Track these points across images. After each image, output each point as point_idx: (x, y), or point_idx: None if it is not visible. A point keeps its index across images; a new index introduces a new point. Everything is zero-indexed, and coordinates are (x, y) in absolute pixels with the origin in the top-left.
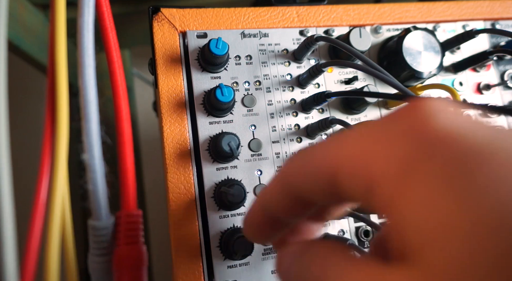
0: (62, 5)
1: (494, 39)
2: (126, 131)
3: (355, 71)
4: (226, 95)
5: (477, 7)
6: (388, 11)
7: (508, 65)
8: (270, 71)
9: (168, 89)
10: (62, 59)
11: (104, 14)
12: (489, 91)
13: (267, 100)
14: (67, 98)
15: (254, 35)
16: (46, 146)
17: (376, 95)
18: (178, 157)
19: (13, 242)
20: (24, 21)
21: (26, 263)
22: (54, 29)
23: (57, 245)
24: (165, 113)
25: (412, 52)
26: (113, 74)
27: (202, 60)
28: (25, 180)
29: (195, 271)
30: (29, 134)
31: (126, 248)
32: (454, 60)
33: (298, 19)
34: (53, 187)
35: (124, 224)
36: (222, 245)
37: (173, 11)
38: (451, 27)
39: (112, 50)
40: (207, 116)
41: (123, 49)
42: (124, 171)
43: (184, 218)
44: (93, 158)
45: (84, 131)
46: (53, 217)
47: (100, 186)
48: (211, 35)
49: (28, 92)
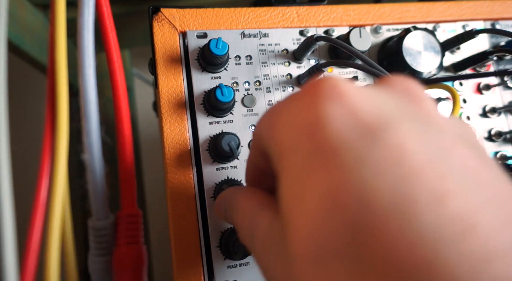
0: (62, 5)
1: (494, 39)
2: (126, 131)
3: (355, 71)
4: (226, 95)
5: (477, 7)
6: (388, 11)
7: (508, 65)
8: (270, 71)
9: (168, 89)
10: (62, 59)
11: (104, 14)
12: (489, 91)
13: (267, 100)
14: (67, 98)
15: (254, 35)
16: (46, 146)
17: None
18: (178, 157)
19: (13, 242)
20: (24, 21)
21: (26, 263)
22: (54, 29)
23: (57, 245)
24: (165, 113)
25: (412, 52)
26: (113, 74)
27: (202, 60)
28: (25, 180)
29: (195, 271)
30: (29, 134)
31: (126, 248)
32: (454, 60)
33: (298, 19)
34: (53, 187)
35: (124, 224)
36: (222, 245)
37: (173, 11)
38: (451, 27)
39: (112, 50)
40: (207, 116)
41: (123, 49)
42: (124, 171)
43: (184, 218)
44: (93, 158)
45: (84, 131)
46: (53, 217)
47: (100, 186)
48: (211, 35)
49: (28, 92)
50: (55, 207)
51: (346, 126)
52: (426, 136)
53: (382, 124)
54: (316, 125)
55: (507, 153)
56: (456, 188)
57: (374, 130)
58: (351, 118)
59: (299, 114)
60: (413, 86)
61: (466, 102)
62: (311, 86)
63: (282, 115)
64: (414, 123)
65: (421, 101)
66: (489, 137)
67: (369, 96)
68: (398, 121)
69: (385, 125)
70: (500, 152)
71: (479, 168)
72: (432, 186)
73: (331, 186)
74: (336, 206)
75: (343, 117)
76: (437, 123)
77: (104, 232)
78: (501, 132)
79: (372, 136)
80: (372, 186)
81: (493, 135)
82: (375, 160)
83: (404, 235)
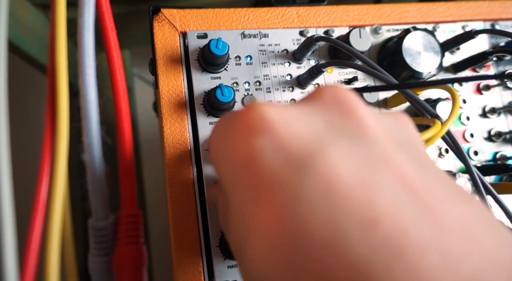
0: (62, 5)
1: (494, 40)
2: (126, 131)
3: (355, 71)
4: (226, 95)
5: (477, 7)
6: (388, 12)
7: (507, 65)
8: (270, 72)
9: (168, 90)
10: (62, 59)
11: (104, 14)
12: (489, 91)
13: (267, 101)
14: (67, 98)
15: (254, 35)
16: (46, 146)
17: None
18: (178, 157)
19: (13, 242)
20: (24, 21)
21: (26, 263)
22: (54, 29)
23: (57, 245)
24: (165, 113)
25: (412, 52)
26: (113, 74)
27: (202, 60)
28: (25, 180)
29: (195, 271)
30: (29, 134)
31: (126, 248)
32: (454, 61)
33: (298, 20)
34: (53, 187)
35: (124, 224)
36: (222, 245)
37: (173, 12)
38: (450, 28)
39: (112, 50)
40: (207, 116)
41: (123, 49)
42: (124, 171)
43: (184, 218)
44: (93, 158)
45: (84, 131)
46: (53, 217)
47: (100, 186)
48: (211, 35)
49: (28, 92)
50: (55, 207)
51: (277, 160)
52: (356, 154)
53: (310, 152)
54: (250, 162)
55: (507, 153)
56: (385, 209)
57: (302, 161)
58: (280, 151)
59: (234, 151)
60: (343, 95)
61: (465, 103)
62: (242, 116)
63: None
64: (344, 141)
65: (351, 111)
66: (489, 138)
67: (297, 121)
68: (327, 143)
69: (312, 153)
70: (500, 152)
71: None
72: (360, 213)
73: (269, 225)
74: (277, 245)
75: (273, 152)
76: (369, 133)
77: (104, 232)
78: (501, 132)
79: (302, 167)
80: (307, 221)
81: (493, 136)
82: (307, 193)
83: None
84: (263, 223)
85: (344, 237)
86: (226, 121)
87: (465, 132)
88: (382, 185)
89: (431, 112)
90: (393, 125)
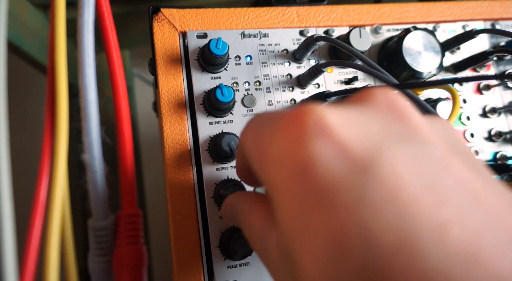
0: (62, 5)
1: (494, 39)
2: (126, 131)
3: (355, 71)
4: (226, 95)
5: (477, 7)
6: (388, 12)
7: (508, 65)
8: (270, 71)
9: (168, 89)
10: (62, 59)
11: (104, 14)
12: (489, 91)
13: (267, 100)
14: (67, 98)
15: (254, 35)
16: (46, 146)
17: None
18: (178, 157)
19: (13, 242)
20: (24, 21)
21: (26, 263)
22: (54, 29)
23: (57, 245)
24: (165, 113)
25: (412, 52)
26: (113, 74)
27: (202, 60)
28: (25, 180)
29: (195, 271)
30: (29, 134)
31: (126, 248)
32: (454, 60)
33: (298, 19)
34: (53, 187)
35: (124, 224)
36: (222, 245)
37: (173, 11)
38: (451, 27)
39: (112, 50)
40: (207, 116)
41: (123, 49)
42: (124, 171)
43: (184, 218)
44: (93, 158)
45: (84, 131)
46: (53, 217)
47: (100, 186)
48: (211, 35)
49: (28, 92)
50: (55, 207)
51: (337, 164)
52: (417, 158)
53: (372, 156)
54: (306, 165)
55: (507, 153)
56: (454, 214)
57: (365, 165)
58: (341, 155)
59: (288, 153)
60: (396, 100)
61: (466, 102)
62: (295, 118)
63: (270, 149)
64: (404, 145)
65: (406, 116)
66: (489, 137)
67: (355, 124)
68: (387, 147)
69: (375, 157)
70: (500, 152)
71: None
72: (430, 218)
73: (332, 230)
74: (341, 251)
75: (332, 155)
76: (426, 137)
77: (104, 232)
78: (501, 132)
79: (365, 172)
80: (374, 227)
81: (493, 135)
82: (371, 198)
83: (413, 274)
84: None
85: (416, 241)
86: (269, 121)
87: (465, 132)
88: (447, 191)
89: (432, 112)
90: (443, 130)
